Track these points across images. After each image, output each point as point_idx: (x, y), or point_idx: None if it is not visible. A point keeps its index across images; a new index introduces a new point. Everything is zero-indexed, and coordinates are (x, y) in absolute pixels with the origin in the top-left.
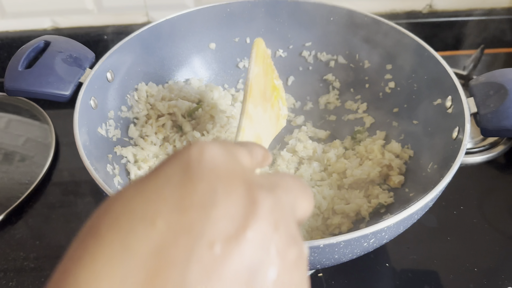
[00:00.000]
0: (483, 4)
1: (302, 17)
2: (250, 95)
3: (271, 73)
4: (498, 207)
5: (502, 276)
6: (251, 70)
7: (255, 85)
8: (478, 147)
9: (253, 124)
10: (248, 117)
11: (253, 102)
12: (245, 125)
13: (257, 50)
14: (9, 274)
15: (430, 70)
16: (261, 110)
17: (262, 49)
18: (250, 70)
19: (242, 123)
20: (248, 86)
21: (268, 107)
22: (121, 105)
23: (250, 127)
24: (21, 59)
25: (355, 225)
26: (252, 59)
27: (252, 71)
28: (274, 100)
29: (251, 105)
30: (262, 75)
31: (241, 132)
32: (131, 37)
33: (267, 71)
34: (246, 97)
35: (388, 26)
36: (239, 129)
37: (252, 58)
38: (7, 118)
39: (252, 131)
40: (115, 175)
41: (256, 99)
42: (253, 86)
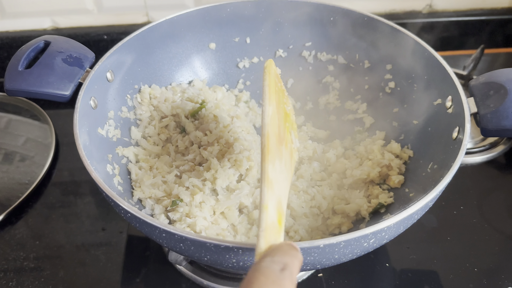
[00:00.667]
0: (483, 4)
1: (302, 17)
2: (269, 151)
3: (282, 98)
4: (498, 207)
5: (502, 276)
6: (266, 113)
7: (271, 133)
8: (478, 147)
9: (274, 189)
10: (270, 186)
11: (271, 159)
12: (267, 200)
13: (269, 78)
14: (9, 274)
15: (430, 70)
16: (278, 163)
17: (273, 74)
18: (264, 113)
19: (264, 199)
20: (266, 138)
21: (283, 150)
22: (121, 105)
23: (272, 197)
24: (21, 59)
25: (355, 225)
26: (265, 95)
27: (267, 114)
28: (287, 135)
29: (271, 166)
30: (276, 112)
31: (264, 212)
32: (131, 37)
33: (279, 100)
34: (264, 156)
35: (388, 26)
36: (262, 208)
37: (265, 93)
38: (7, 118)
39: (274, 198)
40: (115, 175)
41: (273, 152)
42: (270, 135)
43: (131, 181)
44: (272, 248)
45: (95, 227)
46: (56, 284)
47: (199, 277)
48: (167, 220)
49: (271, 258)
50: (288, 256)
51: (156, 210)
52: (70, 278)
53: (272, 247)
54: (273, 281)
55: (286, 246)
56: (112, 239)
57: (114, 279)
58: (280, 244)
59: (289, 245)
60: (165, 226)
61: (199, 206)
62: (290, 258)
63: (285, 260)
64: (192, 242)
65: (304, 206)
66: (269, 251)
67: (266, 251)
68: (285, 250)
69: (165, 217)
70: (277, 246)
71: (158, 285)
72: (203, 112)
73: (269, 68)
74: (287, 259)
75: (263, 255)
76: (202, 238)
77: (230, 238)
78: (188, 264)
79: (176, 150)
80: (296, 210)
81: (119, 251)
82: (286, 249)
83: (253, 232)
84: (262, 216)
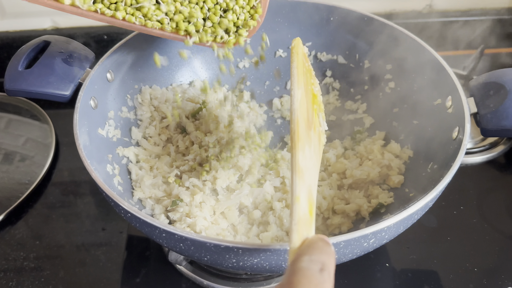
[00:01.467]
0: (483, 4)
1: (302, 17)
2: (299, 138)
3: (310, 79)
4: (498, 207)
5: (502, 276)
6: (295, 98)
7: (301, 118)
8: (478, 147)
9: (305, 178)
10: (301, 175)
11: (301, 147)
12: (299, 191)
13: (297, 59)
14: (9, 274)
15: (430, 70)
16: (307, 149)
17: (301, 54)
18: (294, 98)
19: (296, 190)
20: (295, 124)
21: (312, 135)
22: (121, 105)
23: (303, 187)
24: (21, 59)
25: (355, 225)
26: (294, 78)
27: (296, 99)
28: (315, 118)
29: (301, 153)
30: (304, 96)
31: (296, 204)
32: (131, 37)
33: (307, 81)
34: (294, 143)
35: (388, 26)
36: (294, 199)
37: (293, 76)
38: (7, 118)
39: (305, 188)
40: (115, 175)
41: (303, 139)
42: (300, 121)
43: (131, 181)
44: (307, 244)
45: (95, 227)
46: (56, 284)
47: (199, 277)
48: (167, 220)
49: (309, 257)
50: (325, 255)
51: (156, 210)
52: (70, 278)
53: (306, 243)
54: (316, 285)
55: (321, 242)
56: (112, 239)
57: (114, 279)
58: (315, 240)
59: (323, 240)
60: (165, 226)
61: (199, 206)
62: (327, 257)
63: (322, 259)
64: (192, 242)
65: None
66: (305, 248)
67: (301, 248)
68: (321, 247)
69: (165, 217)
70: (311, 241)
71: (158, 285)
72: (203, 112)
73: (297, 48)
74: (324, 258)
75: (299, 253)
76: (202, 238)
77: (230, 238)
78: (188, 264)
79: (177, 150)
80: None
81: (119, 251)
82: (322, 245)
83: (253, 232)
84: (294, 208)
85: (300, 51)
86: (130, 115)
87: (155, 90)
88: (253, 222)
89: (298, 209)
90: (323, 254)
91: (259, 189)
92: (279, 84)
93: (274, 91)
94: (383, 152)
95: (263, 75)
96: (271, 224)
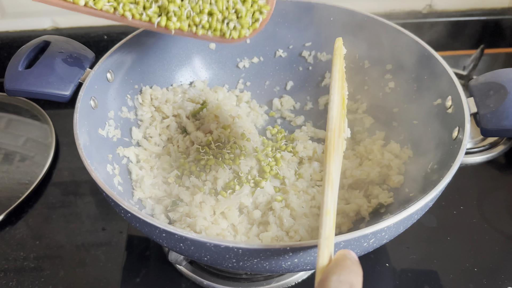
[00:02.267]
0: (483, 4)
1: (302, 17)
2: (334, 148)
3: (343, 82)
4: (498, 207)
5: (502, 276)
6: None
7: (336, 127)
8: (478, 147)
9: (334, 188)
10: (331, 187)
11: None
12: (330, 204)
13: (340, 62)
14: (9, 274)
15: (430, 70)
16: (337, 159)
17: (342, 57)
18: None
19: (328, 203)
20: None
21: (340, 142)
22: (121, 105)
23: (332, 200)
24: (21, 59)
25: (355, 225)
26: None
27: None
28: (342, 124)
29: (333, 164)
30: (340, 101)
31: (327, 217)
32: (131, 37)
33: (342, 84)
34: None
35: (388, 26)
36: (325, 213)
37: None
38: (7, 118)
39: (334, 200)
40: (115, 175)
41: (336, 149)
42: (335, 130)
43: (131, 181)
44: (335, 263)
45: (95, 227)
46: (56, 284)
47: (199, 277)
48: (167, 220)
49: (337, 277)
50: (354, 275)
51: (156, 210)
52: (70, 278)
53: (334, 261)
54: None
55: (349, 261)
56: (112, 239)
57: (114, 279)
58: (343, 258)
59: (351, 259)
60: (165, 226)
61: (199, 206)
62: (355, 277)
63: (351, 279)
64: (192, 242)
65: (304, 206)
66: (333, 267)
67: (329, 266)
68: (349, 266)
69: (165, 217)
70: (339, 259)
71: (158, 285)
72: (204, 112)
73: (340, 50)
74: (352, 278)
75: (327, 272)
76: (202, 238)
77: (230, 238)
78: (188, 264)
79: (177, 150)
80: (296, 210)
81: (119, 251)
82: (350, 265)
83: (253, 232)
84: (324, 222)
85: (342, 52)
86: (130, 115)
87: (156, 90)
88: (253, 222)
89: (329, 223)
90: (351, 274)
91: (259, 189)
92: (279, 84)
93: (274, 91)
94: (383, 152)
95: (263, 75)
96: (271, 224)
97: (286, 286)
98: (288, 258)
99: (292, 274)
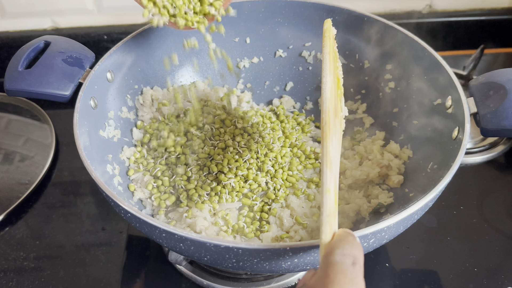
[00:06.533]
0: (483, 4)
1: (302, 17)
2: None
3: (336, 62)
4: (498, 207)
5: (502, 276)
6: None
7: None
8: (478, 147)
9: (333, 168)
10: (330, 166)
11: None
12: (329, 182)
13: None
14: (9, 274)
15: (430, 70)
16: (334, 139)
17: (332, 38)
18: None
19: (327, 182)
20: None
21: (337, 123)
22: (121, 105)
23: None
24: (21, 59)
25: (355, 225)
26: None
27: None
28: (338, 104)
29: (330, 144)
30: (333, 82)
31: (327, 195)
32: (131, 37)
33: (335, 66)
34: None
35: (388, 26)
36: (325, 191)
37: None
38: (7, 118)
39: (333, 179)
40: (115, 175)
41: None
42: (330, 111)
43: (131, 181)
44: (337, 238)
45: (95, 227)
46: (56, 284)
47: (199, 277)
48: (167, 220)
49: (341, 251)
50: (356, 249)
51: (156, 210)
52: (70, 278)
53: (336, 237)
54: (350, 279)
55: (351, 237)
56: (112, 239)
57: (114, 279)
58: (344, 234)
59: (351, 234)
60: (165, 226)
61: (199, 206)
62: (358, 251)
63: (354, 252)
64: (192, 242)
65: (304, 206)
66: (336, 242)
67: (332, 241)
68: (351, 241)
69: (165, 217)
70: (341, 235)
71: (158, 285)
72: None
73: (329, 31)
74: (355, 252)
75: (331, 246)
76: (202, 238)
77: (230, 238)
78: (188, 264)
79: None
80: (296, 210)
81: (119, 251)
82: (352, 240)
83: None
84: (325, 200)
85: (331, 34)
86: (130, 115)
87: (156, 91)
88: (253, 222)
89: (329, 200)
90: (354, 248)
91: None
92: (279, 84)
93: (274, 91)
94: (383, 152)
95: (263, 75)
96: (271, 224)
97: (286, 286)
98: (288, 258)
99: (292, 274)
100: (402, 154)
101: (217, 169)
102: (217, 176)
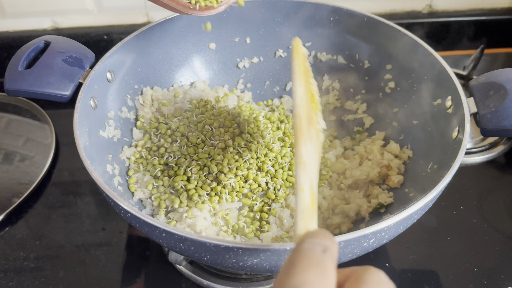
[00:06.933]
0: (483, 4)
1: (302, 17)
2: (301, 132)
3: (308, 78)
4: (498, 207)
5: (502, 276)
6: (298, 94)
7: (302, 114)
8: (478, 147)
9: (307, 170)
10: (303, 167)
11: (304, 140)
12: (303, 181)
13: (298, 57)
14: (9, 274)
15: (430, 70)
16: (309, 144)
17: (301, 54)
18: (296, 94)
19: (300, 180)
20: (298, 119)
21: (312, 131)
22: (121, 105)
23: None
24: (21, 59)
25: (355, 225)
26: (295, 75)
27: (298, 95)
28: (314, 115)
29: (303, 147)
30: (305, 93)
31: (301, 193)
32: (131, 37)
33: (307, 80)
34: (298, 137)
35: (388, 26)
36: (298, 189)
37: (295, 73)
38: (7, 118)
39: (307, 179)
40: (115, 175)
41: (305, 133)
42: (301, 116)
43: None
44: (311, 231)
45: (95, 227)
46: (56, 284)
47: (199, 277)
48: (167, 220)
49: (311, 239)
50: (328, 240)
51: (156, 210)
52: (70, 278)
53: (310, 231)
54: (316, 263)
55: (324, 231)
56: (112, 239)
57: (114, 279)
58: (319, 230)
59: (326, 231)
60: (165, 226)
61: (199, 206)
62: (330, 242)
63: (325, 242)
64: (192, 242)
65: None
66: (309, 233)
67: (306, 233)
68: (324, 233)
69: (165, 217)
70: (315, 230)
71: (158, 285)
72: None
73: (297, 47)
74: (327, 242)
75: (303, 237)
76: (202, 238)
77: (230, 238)
78: (188, 264)
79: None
80: None
81: (119, 251)
82: (325, 233)
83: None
84: (299, 197)
85: (300, 50)
86: (130, 115)
87: (157, 91)
88: (253, 222)
89: (303, 198)
90: (325, 238)
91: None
92: (279, 84)
93: (274, 91)
94: (383, 152)
95: (263, 75)
96: (271, 224)
97: None
98: None
99: None
100: (402, 154)
101: (217, 169)
102: (217, 176)
